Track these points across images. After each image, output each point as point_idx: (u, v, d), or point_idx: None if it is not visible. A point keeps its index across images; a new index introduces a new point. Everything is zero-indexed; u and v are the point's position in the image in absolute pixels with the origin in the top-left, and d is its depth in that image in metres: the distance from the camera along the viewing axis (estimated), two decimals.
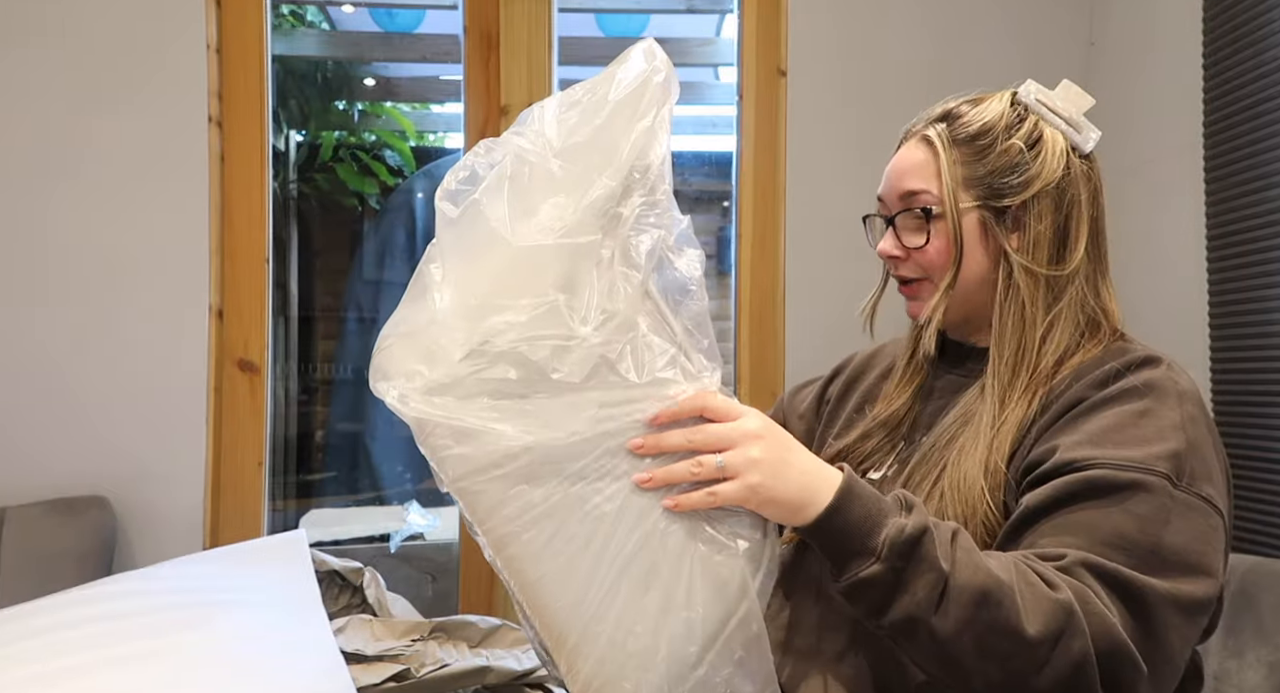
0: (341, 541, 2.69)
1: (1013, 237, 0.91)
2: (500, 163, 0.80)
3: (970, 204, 0.91)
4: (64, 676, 1.04)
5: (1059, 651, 0.69)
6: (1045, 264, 0.90)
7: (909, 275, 0.97)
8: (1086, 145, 0.93)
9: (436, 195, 0.82)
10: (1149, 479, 0.76)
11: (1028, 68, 2.04)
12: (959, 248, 0.91)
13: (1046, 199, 0.90)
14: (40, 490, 1.80)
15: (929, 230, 0.93)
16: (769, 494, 0.74)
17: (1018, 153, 0.91)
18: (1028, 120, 0.95)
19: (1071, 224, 0.91)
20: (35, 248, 1.86)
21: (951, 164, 0.92)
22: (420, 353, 0.75)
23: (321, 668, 1.14)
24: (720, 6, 2.75)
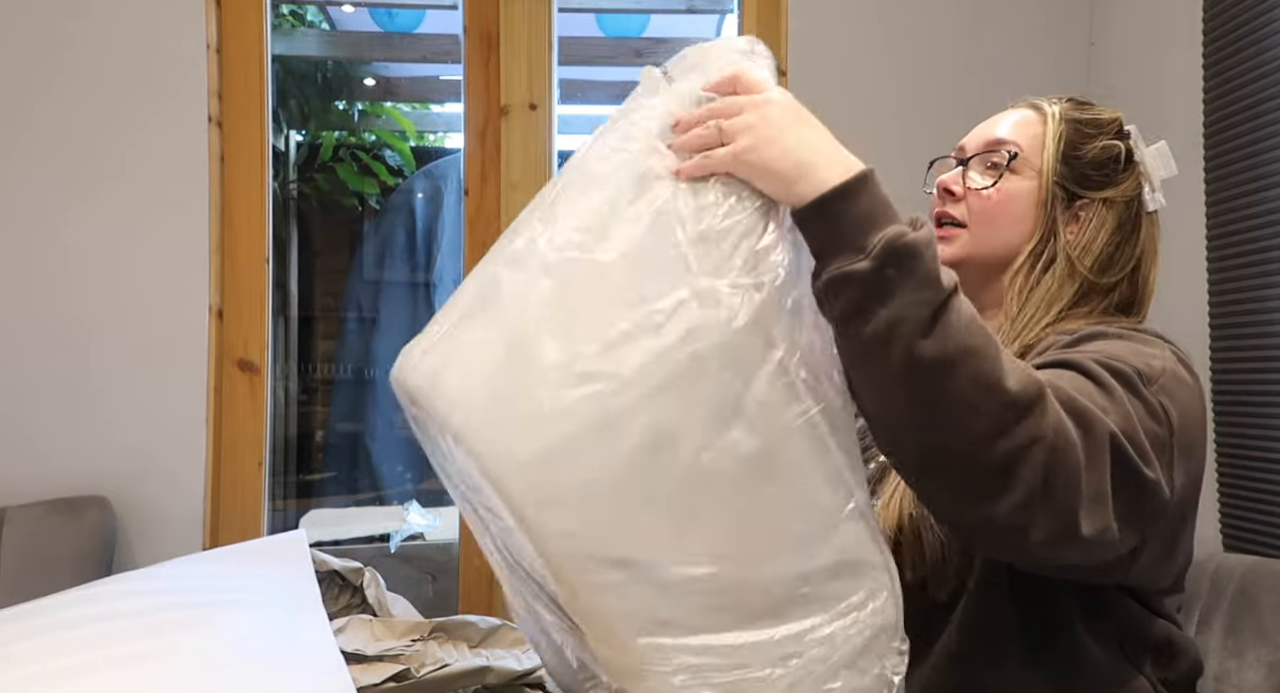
0: (341, 540, 2.69)
1: (1070, 227, 0.93)
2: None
3: (1054, 178, 0.93)
4: (63, 676, 1.04)
5: (1025, 422, 0.65)
6: (1088, 268, 0.91)
7: (954, 216, 0.96)
8: (1150, 205, 0.95)
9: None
10: (1119, 366, 0.76)
11: (1028, 68, 2.05)
12: (1045, 215, 0.92)
13: (1115, 210, 0.92)
14: (40, 490, 1.80)
15: (1000, 177, 0.93)
16: (757, 159, 0.69)
17: (1114, 157, 0.94)
18: (1127, 142, 0.96)
19: (1125, 246, 0.93)
20: (35, 248, 1.86)
21: (1058, 135, 0.94)
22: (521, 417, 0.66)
23: (322, 669, 1.14)
24: (720, 6, 2.75)
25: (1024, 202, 0.93)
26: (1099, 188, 0.92)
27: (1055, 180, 0.92)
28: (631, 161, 0.73)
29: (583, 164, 0.77)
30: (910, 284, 0.66)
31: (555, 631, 0.79)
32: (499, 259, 0.75)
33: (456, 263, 2.70)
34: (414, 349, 0.77)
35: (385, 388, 3.21)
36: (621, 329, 0.66)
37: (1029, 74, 2.05)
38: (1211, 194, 1.60)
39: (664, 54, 2.93)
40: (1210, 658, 1.25)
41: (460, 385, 0.68)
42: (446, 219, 3.13)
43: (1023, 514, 0.66)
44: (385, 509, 3.00)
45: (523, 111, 2.04)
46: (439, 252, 3.08)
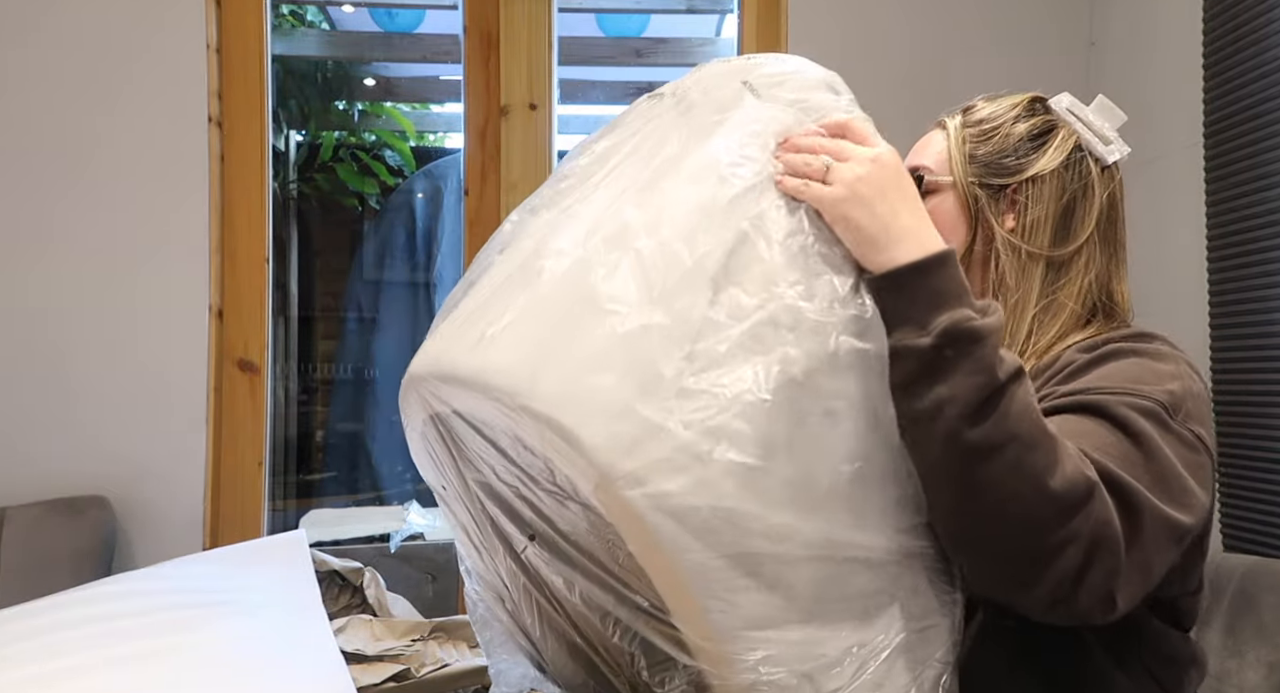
0: (341, 541, 2.69)
1: (1007, 218, 0.93)
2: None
3: (969, 180, 0.94)
4: (63, 676, 1.04)
5: (1068, 520, 0.65)
6: (1046, 246, 0.91)
7: None
8: (1108, 158, 0.96)
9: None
10: (1145, 403, 0.75)
11: (1028, 68, 2.05)
12: (973, 220, 0.93)
13: (1045, 184, 0.93)
14: (40, 490, 1.80)
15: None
16: (850, 214, 0.73)
17: (1019, 139, 0.95)
18: (1039, 116, 0.97)
19: (1075, 213, 0.93)
20: (35, 247, 1.86)
21: (959, 144, 0.96)
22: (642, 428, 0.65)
23: (322, 669, 1.14)
24: (720, 6, 2.75)
25: (950, 214, 0.94)
26: (1020, 170, 0.93)
27: (970, 182, 0.94)
28: (749, 169, 0.75)
29: (679, 158, 0.77)
30: (966, 368, 0.67)
31: (593, 616, 0.79)
32: (553, 239, 0.77)
33: (456, 263, 2.70)
34: (464, 337, 0.75)
35: (385, 388, 3.23)
36: (730, 338, 0.67)
37: (1029, 74, 2.04)
38: (1211, 194, 1.59)
39: (664, 54, 2.91)
40: (1210, 658, 1.25)
41: (562, 388, 0.65)
42: (446, 219, 3.13)
43: (1057, 597, 0.67)
44: (385, 509, 3.00)
45: (523, 111, 2.04)
46: (439, 252, 3.08)
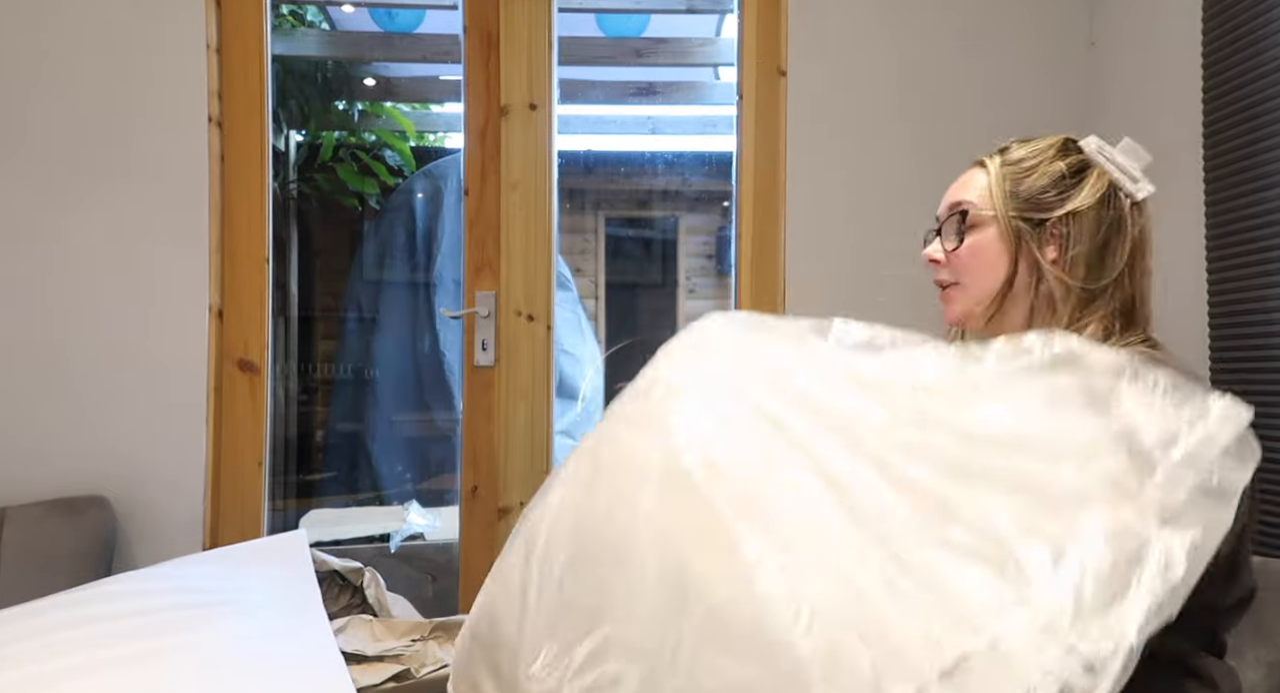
0: (341, 540, 2.69)
1: (1049, 249, 0.99)
2: None
3: (1010, 214, 1.00)
4: (64, 676, 1.04)
5: None
6: (1080, 278, 0.97)
7: (944, 279, 1.07)
8: (1138, 194, 1.00)
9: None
10: None
11: (1028, 68, 2.05)
12: (1014, 250, 0.99)
13: (1085, 220, 0.98)
14: (40, 490, 1.80)
15: (963, 236, 1.03)
16: None
17: (1059, 175, 1.00)
18: (1073, 155, 1.02)
19: (1111, 248, 0.98)
20: (35, 248, 1.86)
21: (999, 180, 1.02)
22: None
23: (322, 669, 1.14)
24: (720, 6, 2.75)
25: (992, 247, 1.01)
26: (1059, 205, 0.99)
27: (1012, 216, 1.00)
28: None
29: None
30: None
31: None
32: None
33: (457, 263, 2.70)
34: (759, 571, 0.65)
35: (385, 388, 3.22)
36: None
37: (1029, 75, 2.05)
38: (1211, 194, 1.59)
39: (664, 54, 2.92)
40: None
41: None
42: (446, 219, 3.13)
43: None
44: (385, 509, 3.00)
45: (523, 111, 2.04)
46: (439, 252, 3.08)
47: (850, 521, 0.65)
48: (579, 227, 4.19)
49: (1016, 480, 0.65)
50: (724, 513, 0.68)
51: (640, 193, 4.24)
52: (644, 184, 4.12)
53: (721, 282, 4.28)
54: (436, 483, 3.09)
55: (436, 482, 3.09)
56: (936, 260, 1.07)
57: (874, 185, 1.99)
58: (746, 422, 0.74)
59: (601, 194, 4.19)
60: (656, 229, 4.42)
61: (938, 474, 0.66)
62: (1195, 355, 1.62)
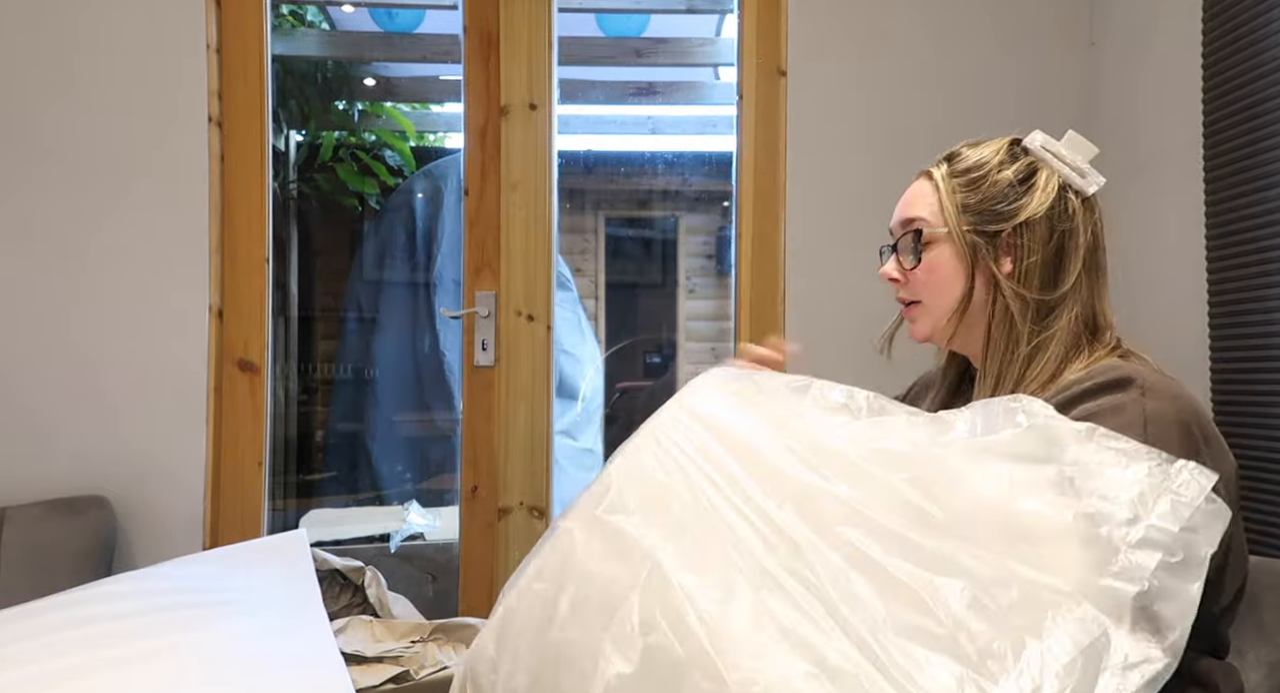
0: (341, 540, 2.69)
1: (1004, 262, 0.97)
2: None
3: (964, 229, 0.98)
4: (64, 676, 1.04)
5: None
6: (1036, 289, 0.95)
7: (905, 298, 1.05)
8: (1088, 189, 0.98)
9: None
10: None
11: (1028, 68, 2.05)
12: (969, 267, 0.97)
13: (1038, 228, 0.96)
14: (40, 491, 1.80)
15: (920, 254, 1.01)
16: None
17: (1007, 184, 0.98)
18: (1021, 160, 1.00)
19: (1066, 255, 0.96)
20: (34, 247, 1.86)
21: (949, 193, 0.99)
22: None
23: (322, 670, 1.14)
24: (720, 6, 2.75)
25: (949, 264, 0.99)
26: (1010, 217, 0.96)
27: (965, 230, 0.98)
28: None
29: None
30: None
31: None
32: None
33: (456, 263, 2.70)
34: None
35: (385, 388, 3.23)
36: None
37: (1029, 75, 2.05)
38: (1211, 194, 1.60)
39: (664, 54, 2.91)
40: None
41: None
42: (446, 219, 3.13)
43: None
44: (385, 509, 3.00)
45: (523, 111, 2.04)
46: (439, 252, 3.08)
47: (817, 612, 0.65)
48: (579, 227, 4.19)
49: (980, 571, 0.64)
50: (700, 657, 0.65)
51: (640, 193, 4.24)
52: (644, 184, 4.12)
53: (721, 282, 4.28)
54: (436, 483, 3.09)
55: (436, 482, 3.09)
56: (895, 279, 1.05)
57: (874, 185, 1.99)
58: (709, 528, 0.72)
59: (601, 194, 4.19)
60: (656, 229, 4.42)
61: (904, 559, 0.66)
62: (1195, 355, 1.62)
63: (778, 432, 0.79)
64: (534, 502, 2.02)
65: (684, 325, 4.35)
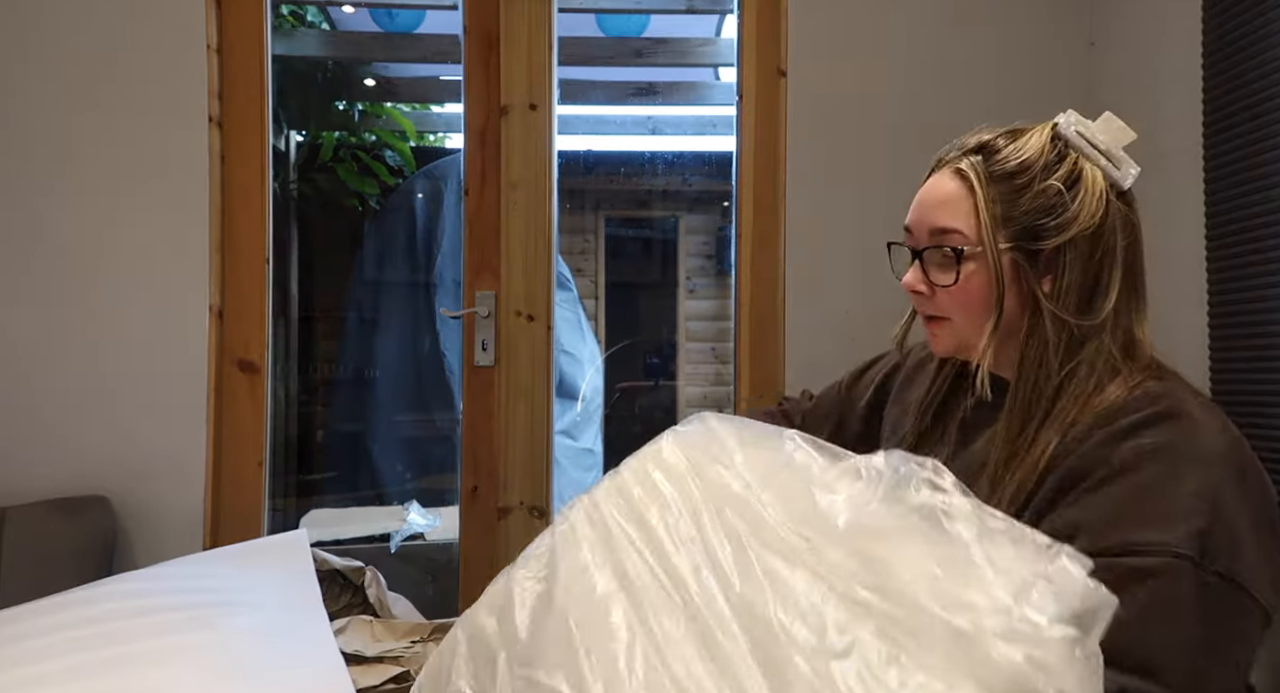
0: (342, 540, 2.69)
1: (1045, 280, 0.88)
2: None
3: (1004, 245, 0.88)
4: (64, 677, 1.04)
5: None
6: (1073, 312, 0.87)
7: (931, 313, 0.95)
8: (1125, 182, 0.90)
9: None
10: (1173, 563, 0.73)
11: (1028, 68, 2.05)
12: (1000, 291, 0.88)
13: (1083, 244, 0.87)
14: (40, 490, 1.80)
15: (959, 271, 0.90)
16: None
17: (1055, 193, 0.87)
18: (1067, 158, 0.90)
19: (1105, 272, 0.88)
20: (35, 247, 1.86)
21: (989, 203, 0.88)
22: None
23: (322, 670, 1.14)
24: (720, 6, 2.75)
25: (986, 284, 0.89)
26: (1057, 233, 0.87)
27: (1007, 246, 0.88)
28: None
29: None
30: None
31: None
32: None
33: (456, 263, 2.70)
34: None
35: (385, 388, 3.23)
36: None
37: (1029, 74, 2.05)
38: (1211, 194, 1.60)
39: (664, 54, 2.90)
40: None
41: None
42: (446, 219, 3.13)
43: None
44: (385, 509, 3.00)
45: (523, 111, 2.04)
46: (439, 252, 3.08)
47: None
48: (579, 227, 4.19)
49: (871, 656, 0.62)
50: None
51: (640, 193, 4.24)
52: (644, 184, 4.13)
53: (721, 282, 4.28)
54: (436, 483, 3.09)
55: (436, 482, 3.09)
56: (920, 292, 0.94)
57: (874, 185, 1.99)
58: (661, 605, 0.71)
59: (601, 194, 4.19)
60: (656, 229, 4.42)
61: (816, 650, 0.63)
62: (1195, 356, 1.62)
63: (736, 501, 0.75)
64: (534, 502, 2.02)
65: (684, 325, 4.35)
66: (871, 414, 1.18)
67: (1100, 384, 0.86)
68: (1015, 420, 0.88)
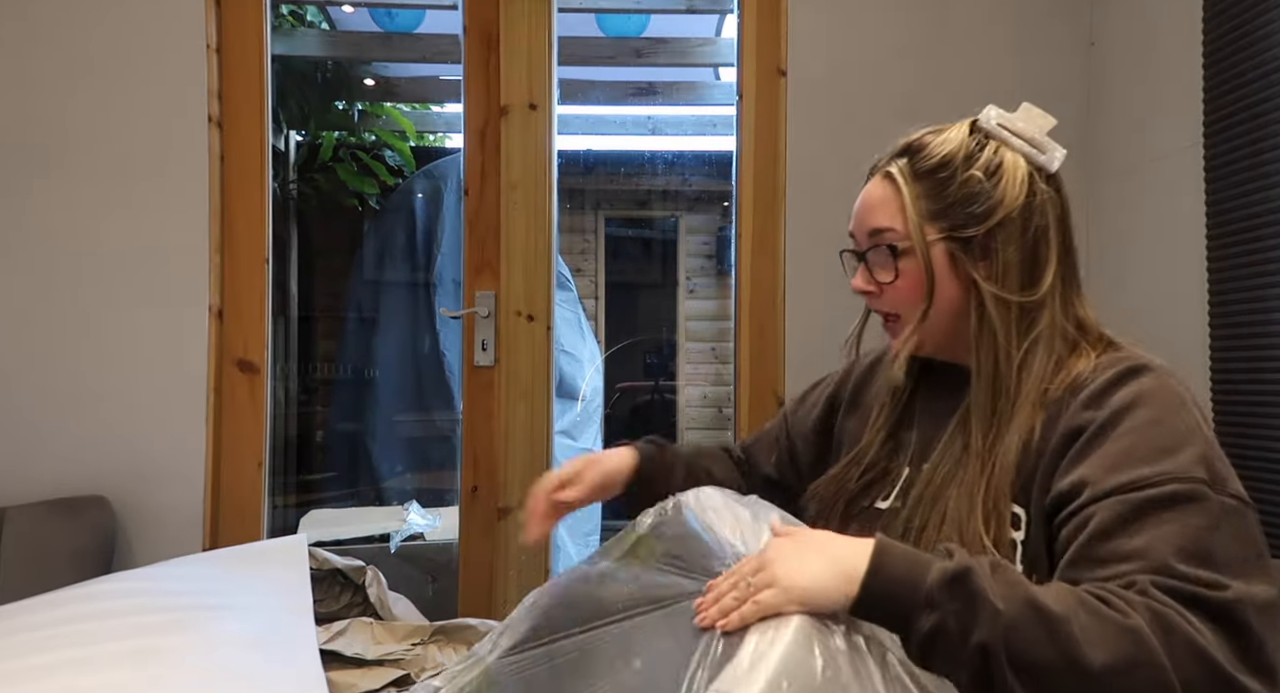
0: (342, 540, 2.69)
1: (981, 265, 0.92)
2: None
3: (936, 237, 0.93)
4: (37, 674, 1.04)
5: (1129, 680, 0.66)
6: (1016, 291, 0.91)
7: (884, 310, 1.00)
8: (1052, 165, 0.93)
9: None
10: (1192, 488, 0.76)
11: (1028, 68, 2.05)
12: (930, 282, 0.93)
13: (1012, 226, 0.91)
14: (40, 490, 1.80)
15: (897, 267, 0.95)
16: (803, 585, 0.74)
17: (978, 182, 0.92)
18: (988, 148, 0.94)
19: (1040, 249, 0.92)
20: (35, 248, 1.86)
21: (915, 199, 0.94)
22: None
23: (302, 680, 1.14)
24: (720, 6, 2.75)
25: (926, 276, 0.93)
26: (984, 219, 0.91)
27: (938, 238, 0.93)
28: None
29: None
30: (976, 607, 0.70)
31: None
32: None
33: (456, 263, 2.70)
34: None
35: (385, 388, 3.22)
36: None
37: (1029, 74, 2.05)
38: (1211, 194, 1.59)
39: (664, 54, 2.90)
40: None
41: None
42: (446, 219, 3.13)
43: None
44: (385, 509, 3.01)
45: (523, 111, 2.04)
46: (439, 252, 3.08)
47: None
48: (579, 227, 4.19)
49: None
50: None
51: (640, 193, 4.24)
52: (644, 184, 4.13)
53: (721, 282, 4.28)
54: (436, 483, 3.09)
55: (436, 482, 3.09)
56: (868, 292, 0.99)
57: None
58: None
59: (601, 194, 4.19)
60: (656, 229, 4.42)
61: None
62: (1195, 355, 1.62)
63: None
64: None
65: (684, 325, 4.35)
66: (820, 438, 1.20)
67: (1062, 359, 0.90)
68: (984, 401, 0.91)
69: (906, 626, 0.72)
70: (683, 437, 4.26)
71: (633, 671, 0.78)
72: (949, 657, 0.71)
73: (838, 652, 0.72)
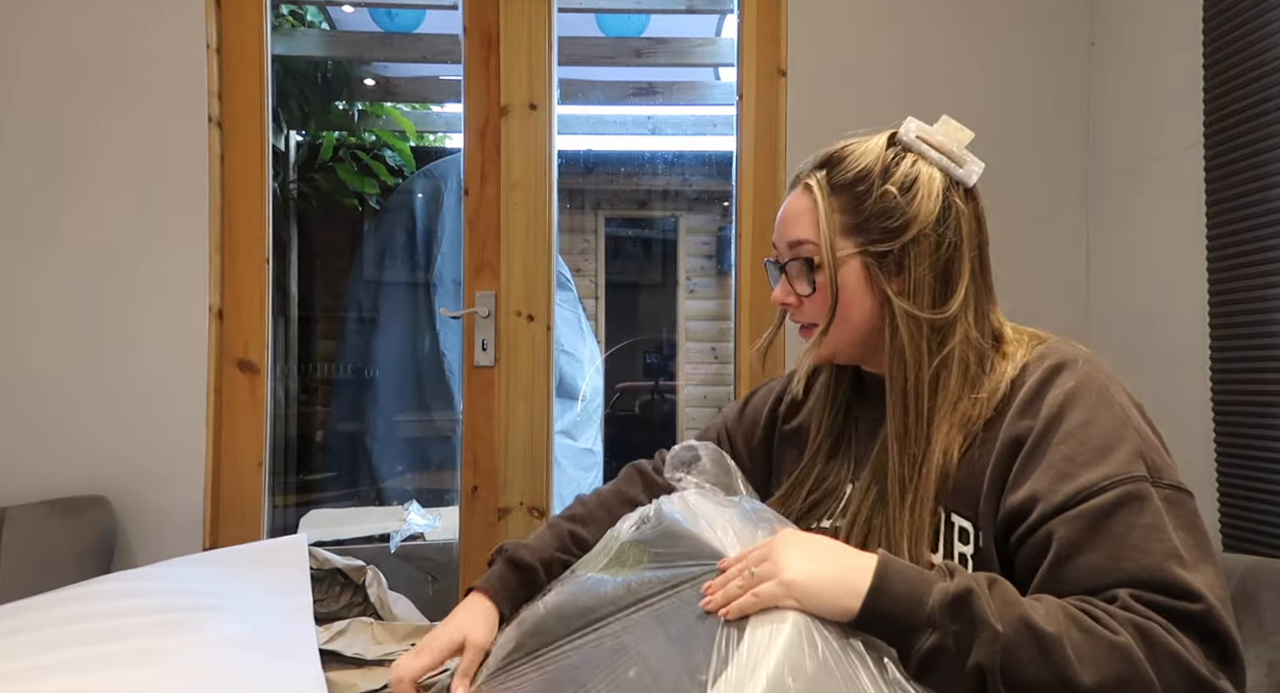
0: (342, 540, 2.69)
1: (895, 281, 0.92)
2: None
3: (850, 251, 0.93)
4: (39, 674, 1.04)
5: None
6: (927, 307, 0.90)
7: (801, 321, 0.99)
8: (969, 179, 0.93)
9: None
10: (1136, 488, 0.77)
11: (1028, 68, 2.05)
12: (834, 296, 0.93)
13: (925, 242, 0.90)
14: (40, 490, 1.80)
15: (814, 280, 0.95)
16: (804, 586, 0.75)
17: (893, 197, 0.91)
18: (905, 161, 0.94)
19: (953, 265, 0.91)
20: (35, 248, 1.86)
21: (830, 213, 0.94)
22: None
23: (302, 680, 1.14)
24: (720, 6, 2.75)
25: (844, 288, 0.93)
26: (898, 234, 0.91)
27: (853, 253, 0.92)
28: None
29: None
30: (976, 630, 0.71)
31: None
32: None
33: (456, 263, 2.70)
34: None
35: (385, 388, 3.22)
36: None
37: (1029, 74, 2.05)
38: (1211, 194, 1.59)
39: (664, 54, 2.91)
40: None
41: None
42: (446, 219, 3.13)
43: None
44: (385, 509, 3.01)
45: (523, 111, 2.04)
46: (439, 252, 3.09)
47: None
48: (579, 227, 4.19)
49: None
50: None
51: (640, 193, 4.24)
52: (644, 184, 4.13)
53: (721, 282, 4.28)
54: (436, 483, 3.09)
55: (436, 482, 3.09)
56: (788, 304, 0.99)
57: None
58: None
59: (601, 194, 4.19)
60: (656, 229, 4.42)
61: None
62: (1195, 355, 1.62)
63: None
64: (534, 502, 2.02)
65: (684, 325, 4.35)
66: (765, 458, 1.17)
67: (978, 376, 0.90)
68: (898, 417, 0.91)
69: (906, 643, 0.73)
70: (682, 437, 4.27)
71: (632, 672, 0.78)
72: (947, 675, 0.72)
73: (834, 655, 0.72)
